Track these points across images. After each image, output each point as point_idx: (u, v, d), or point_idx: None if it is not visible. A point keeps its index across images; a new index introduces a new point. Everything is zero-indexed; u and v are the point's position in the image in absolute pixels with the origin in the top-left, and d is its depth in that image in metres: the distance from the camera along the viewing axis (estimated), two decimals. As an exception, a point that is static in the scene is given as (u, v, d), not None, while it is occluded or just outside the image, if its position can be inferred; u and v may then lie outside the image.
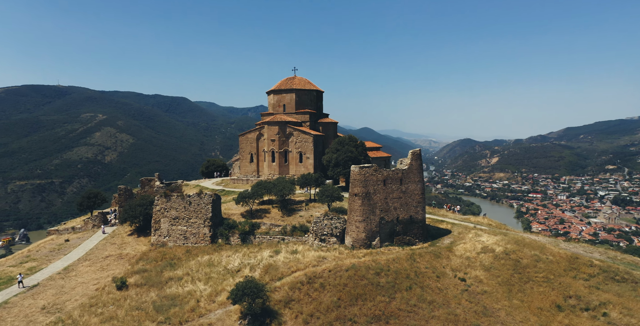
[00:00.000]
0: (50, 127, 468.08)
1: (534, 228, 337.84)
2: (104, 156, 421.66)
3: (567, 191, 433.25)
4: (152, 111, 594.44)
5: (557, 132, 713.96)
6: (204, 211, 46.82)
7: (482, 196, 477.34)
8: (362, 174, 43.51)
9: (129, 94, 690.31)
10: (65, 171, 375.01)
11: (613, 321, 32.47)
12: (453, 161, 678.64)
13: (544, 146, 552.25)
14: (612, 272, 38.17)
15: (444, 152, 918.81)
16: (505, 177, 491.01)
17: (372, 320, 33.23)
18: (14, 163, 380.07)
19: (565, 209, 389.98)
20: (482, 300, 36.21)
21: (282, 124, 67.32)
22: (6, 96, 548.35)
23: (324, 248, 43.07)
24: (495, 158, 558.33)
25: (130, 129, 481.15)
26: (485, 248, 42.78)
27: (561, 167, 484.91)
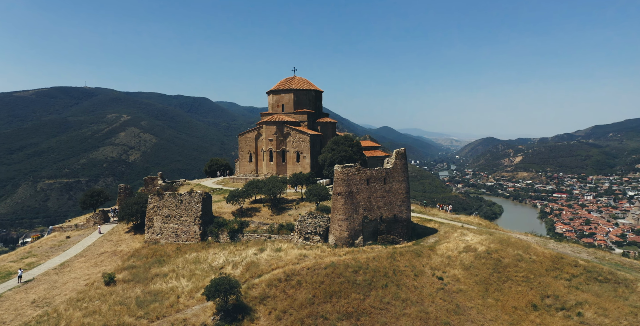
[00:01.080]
0: (78, 127, 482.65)
1: (558, 228, 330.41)
2: (128, 156, 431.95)
3: (594, 191, 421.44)
4: (175, 111, 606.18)
5: (585, 131, 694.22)
6: (194, 209, 48.22)
7: (505, 196, 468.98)
8: (344, 174, 44.05)
9: (152, 95, 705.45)
10: (92, 170, 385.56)
11: (586, 321, 32.38)
12: (475, 160, 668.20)
13: (570, 145, 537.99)
14: (596, 272, 37.92)
15: (465, 151, 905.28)
16: (528, 176, 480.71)
17: (343, 317, 33.86)
18: (43, 162, 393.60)
19: (592, 209, 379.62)
20: (456, 298, 36.41)
21: (280, 124, 68.35)
22: (37, 98, 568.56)
23: (307, 246, 43.84)
24: (518, 157, 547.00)
25: (154, 129, 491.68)
26: (467, 247, 42.79)
27: (588, 166, 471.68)
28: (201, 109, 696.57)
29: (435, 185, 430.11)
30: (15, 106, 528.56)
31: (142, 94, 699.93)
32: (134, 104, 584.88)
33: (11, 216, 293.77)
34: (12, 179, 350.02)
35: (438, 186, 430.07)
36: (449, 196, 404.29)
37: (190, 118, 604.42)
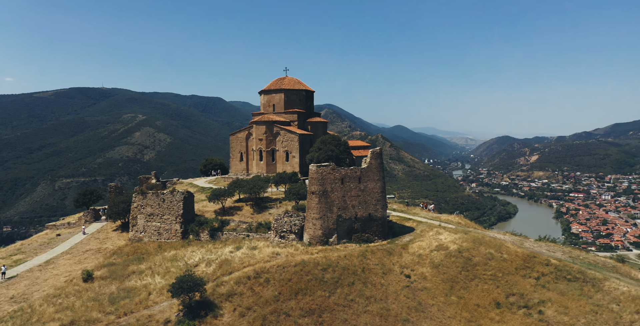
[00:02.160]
0: (95, 127, 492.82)
1: (574, 229, 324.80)
2: (143, 155, 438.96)
3: (612, 191, 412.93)
4: (189, 111, 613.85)
5: (604, 129, 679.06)
6: (175, 208, 49.34)
7: (520, 196, 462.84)
8: (319, 173, 44.59)
9: (167, 95, 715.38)
10: (108, 169, 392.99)
11: (545, 319, 32.73)
12: (490, 159, 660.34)
13: (588, 143, 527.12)
14: (566, 271, 37.93)
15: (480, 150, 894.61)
16: (544, 176, 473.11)
17: (305, 314, 34.54)
18: (61, 162, 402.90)
19: (610, 209, 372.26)
20: (419, 295, 36.86)
21: (269, 123, 69.16)
22: (56, 99, 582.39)
23: (282, 244, 44.56)
24: (534, 156, 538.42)
25: (168, 128, 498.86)
26: (440, 245, 43.02)
27: (607, 165, 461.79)
28: (215, 109, 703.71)
29: (447, 184, 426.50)
30: (35, 107, 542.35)
31: (158, 94, 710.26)
32: (149, 104, 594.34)
33: (30, 214, 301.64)
34: (31, 178, 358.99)
35: (450, 186, 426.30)
36: (461, 196, 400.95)
37: (204, 118, 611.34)
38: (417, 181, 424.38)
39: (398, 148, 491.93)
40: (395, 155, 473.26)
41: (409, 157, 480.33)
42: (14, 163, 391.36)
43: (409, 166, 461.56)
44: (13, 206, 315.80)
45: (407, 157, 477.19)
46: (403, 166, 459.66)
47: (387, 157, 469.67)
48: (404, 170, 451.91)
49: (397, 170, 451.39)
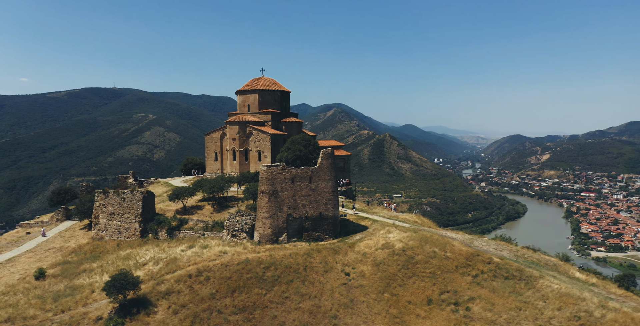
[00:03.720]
0: (106, 127, 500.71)
1: (583, 229, 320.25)
2: (153, 154, 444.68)
3: (625, 190, 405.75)
4: (199, 111, 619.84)
5: (618, 127, 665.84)
6: (135, 207, 50.42)
7: (530, 195, 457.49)
8: (269, 173, 45.17)
9: (177, 95, 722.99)
10: (118, 168, 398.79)
11: (470, 315, 33.33)
12: (500, 158, 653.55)
13: (601, 142, 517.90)
14: (505, 269, 38.23)
15: (491, 149, 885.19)
16: (555, 175, 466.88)
17: (238, 311, 35.30)
18: (73, 161, 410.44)
19: (621, 209, 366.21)
20: (353, 292, 37.47)
21: (242, 123, 69.93)
22: (68, 99, 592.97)
23: (232, 243, 45.23)
24: (546, 155, 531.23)
25: (178, 128, 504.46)
26: (386, 244, 43.47)
27: (620, 164, 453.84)
28: (225, 108, 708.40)
29: (455, 184, 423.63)
30: (48, 107, 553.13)
31: (168, 94, 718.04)
32: (159, 103, 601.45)
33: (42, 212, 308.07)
34: (43, 177, 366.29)
35: (459, 185, 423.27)
36: (469, 195, 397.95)
37: (213, 117, 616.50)
38: (425, 181, 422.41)
39: (406, 147, 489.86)
40: (402, 154, 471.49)
41: (416, 156, 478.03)
42: (27, 162, 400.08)
43: (417, 165, 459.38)
44: (26, 204, 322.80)
45: (415, 157, 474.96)
46: (411, 165, 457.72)
47: (394, 156, 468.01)
48: (412, 169, 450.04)
49: (405, 169, 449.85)
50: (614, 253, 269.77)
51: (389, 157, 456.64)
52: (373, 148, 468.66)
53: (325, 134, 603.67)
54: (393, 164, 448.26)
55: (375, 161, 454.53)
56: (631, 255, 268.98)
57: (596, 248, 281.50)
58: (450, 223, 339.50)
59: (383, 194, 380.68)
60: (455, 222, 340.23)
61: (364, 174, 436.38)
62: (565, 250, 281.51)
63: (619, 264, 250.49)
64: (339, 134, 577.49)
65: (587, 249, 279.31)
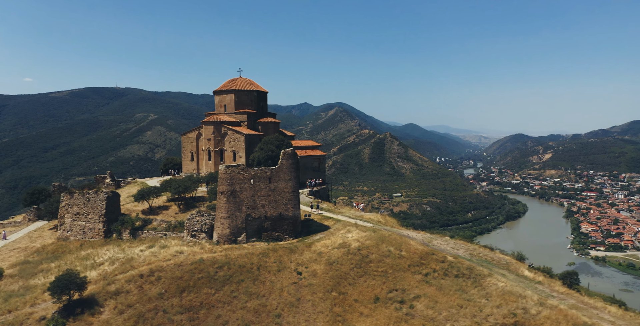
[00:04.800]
0: (108, 126, 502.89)
1: (583, 228, 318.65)
2: (154, 154, 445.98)
3: (626, 190, 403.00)
4: (200, 110, 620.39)
5: (621, 126, 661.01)
6: (99, 207, 50.68)
7: (531, 195, 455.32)
8: (227, 173, 45.25)
9: (179, 95, 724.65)
10: (119, 167, 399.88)
11: (412, 313, 33.80)
12: (502, 157, 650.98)
13: (603, 141, 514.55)
14: (456, 268, 38.55)
15: (493, 148, 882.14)
16: (557, 174, 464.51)
17: (183, 311, 35.47)
18: (74, 160, 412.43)
19: (622, 208, 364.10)
20: (301, 292, 37.71)
21: (217, 123, 70.07)
22: (70, 98, 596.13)
23: (191, 243, 45.35)
24: (548, 154, 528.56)
25: (179, 127, 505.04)
26: (343, 243, 43.59)
27: (621, 164, 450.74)
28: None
29: (456, 183, 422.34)
30: (50, 107, 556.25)
31: (170, 93, 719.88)
32: (161, 103, 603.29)
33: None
34: (45, 177, 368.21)
35: (459, 184, 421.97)
36: (469, 194, 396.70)
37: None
38: (425, 180, 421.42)
39: (406, 147, 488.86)
40: (403, 154, 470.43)
41: (417, 155, 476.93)
42: (28, 162, 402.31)
43: (417, 164, 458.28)
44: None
45: (416, 156, 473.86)
46: (411, 164, 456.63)
47: (395, 156, 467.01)
48: (412, 169, 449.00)
49: (405, 169, 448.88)
50: (613, 253, 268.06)
51: (390, 157, 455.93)
52: (374, 148, 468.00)
53: (327, 133, 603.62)
54: (393, 163, 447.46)
55: (375, 160, 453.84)
56: (631, 255, 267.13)
57: (596, 247, 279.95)
58: (449, 222, 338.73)
59: (383, 193, 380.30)
60: (455, 221, 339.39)
61: (365, 173, 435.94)
62: (565, 249, 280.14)
63: (618, 264, 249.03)
64: (339, 134, 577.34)
65: (587, 248, 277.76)
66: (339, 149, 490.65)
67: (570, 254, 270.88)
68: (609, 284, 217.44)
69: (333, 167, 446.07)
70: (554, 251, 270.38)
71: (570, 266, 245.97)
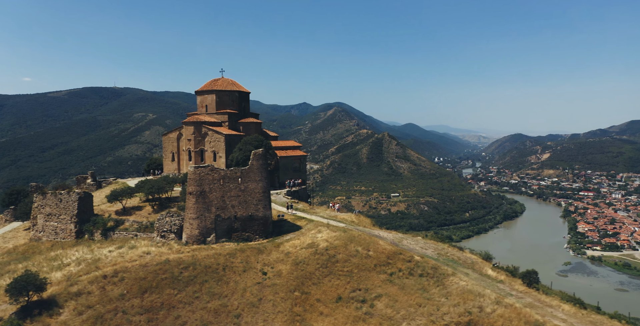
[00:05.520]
0: (106, 126, 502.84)
1: (580, 228, 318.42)
2: (152, 154, 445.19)
3: (624, 189, 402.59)
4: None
5: (619, 126, 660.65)
6: (71, 208, 50.55)
7: (528, 194, 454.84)
8: (196, 174, 45.11)
9: (178, 94, 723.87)
10: (117, 167, 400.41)
11: (371, 312, 33.84)
12: (501, 157, 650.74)
13: (602, 141, 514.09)
14: (421, 267, 38.52)
15: (492, 148, 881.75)
16: (554, 174, 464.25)
17: (143, 312, 35.37)
18: (72, 160, 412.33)
19: (619, 208, 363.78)
20: (264, 292, 37.76)
21: (198, 124, 69.92)
22: (69, 98, 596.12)
23: (160, 243, 45.20)
24: (546, 154, 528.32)
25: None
26: (312, 243, 43.61)
27: (619, 163, 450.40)
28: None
29: (453, 183, 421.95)
30: (48, 106, 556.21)
31: (169, 93, 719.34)
32: (160, 103, 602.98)
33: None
34: (42, 176, 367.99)
35: (457, 184, 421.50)
36: (467, 194, 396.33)
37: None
38: (423, 180, 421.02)
39: (404, 146, 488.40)
40: (401, 153, 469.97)
41: (415, 155, 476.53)
42: (26, 162, 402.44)
43: (415, 164, 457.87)
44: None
45: (414, 156, 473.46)
46: (409, 164, 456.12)
47: (392, 155, 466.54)
48: (410, 168, 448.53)
49: (403, 169, 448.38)
50: (609, 252, 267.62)
51: (388, 157, 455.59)
52: (372, 147, 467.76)
53: (325, 133, 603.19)
54: (391, 163, 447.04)
55: (373, 160, 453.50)
56: (627, 254, 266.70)
57: (592, 247, 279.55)
58: (447, 222, 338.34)
59: (381, 193, 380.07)
60: (452, 221, 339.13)
61: (362, 173, 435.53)
62: (561, 249, 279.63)
63: (613, 264, 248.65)
64: (338, 134, 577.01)
65: (583, 248, 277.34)
66: (337, 149, 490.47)
67: (567, 253, 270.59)
68: (605, 283, 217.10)
69: (331, 167, 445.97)
70: (551, 251, 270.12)
71: (566, 265, 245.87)
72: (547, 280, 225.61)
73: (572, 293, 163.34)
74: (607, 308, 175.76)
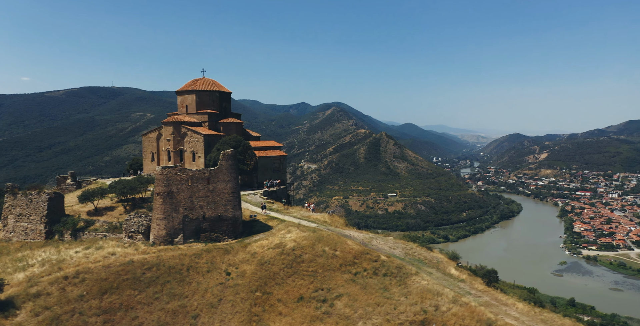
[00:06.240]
0: (104, 126, 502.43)
1: (576, 227, 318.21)
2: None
3: (620, 189, 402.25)
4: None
5: (617, 126, 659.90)
6: (41, 208, 50.29)
7: (526, 194, 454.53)
8: (164, 174, 44.84)
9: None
10: (114, 167, 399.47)
11: (330, 311, 33.56)
12: (499, 157, 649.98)
13: (599, 141, 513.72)
14: (386, 267, 38.28)
15: (490, 148, 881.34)
16: (552, 174, 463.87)
17: (100, 313, 35.13)
18: (69, 160, 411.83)
19: (615, 208, 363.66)
20: (225, 292, 37.66)
21: (177, 124, 69.63)
22: (67, 98, 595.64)
23: (127, 244, 44.94)
24: (544, 154, 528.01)
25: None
26: (279, 243, 43.45)
27: (616, 163, 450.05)
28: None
29: (450, 183, 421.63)
30: (46, 106, 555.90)
31: (167, 93, 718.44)
32: (158, 102, 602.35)
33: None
34: (39, 176, 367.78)
35: (454, 184, 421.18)
36: (464, 194, 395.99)
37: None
38: (420, 180, 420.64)
39: (402, 146, 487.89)
40: (398, 153, 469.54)
41: (412, 155, 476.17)
42: (23, 162, 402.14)
43: (413, 164, 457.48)
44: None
45: (411, 156, 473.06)
46: (406, 164, 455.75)
47: (390, 155, 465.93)
48: (407, 168, 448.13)
49: (400, 168, 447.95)
50: (605, 252, 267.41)
51: (385, 157, 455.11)
52: (369, 147, 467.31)
53: (323, 133, 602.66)
54: (389, 163, 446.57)
55: (371, 160, 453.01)
56: (622, 254, 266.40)
57: (588, 246, 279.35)
58: (444, 221, 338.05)
59: (378, 193, 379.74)
60: (449, 221, 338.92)
61: (360, 173, 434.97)
62: (557, 249, 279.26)
63: (609, 263, 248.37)
64: (336, 133, 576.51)
65: (579, 248, 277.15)
66: (335, 149, 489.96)
67: (562, 253, 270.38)
68: (599, 283, 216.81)
69: (328, 166, 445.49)
70: (546, 251, 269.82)
71: (562, 265, 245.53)
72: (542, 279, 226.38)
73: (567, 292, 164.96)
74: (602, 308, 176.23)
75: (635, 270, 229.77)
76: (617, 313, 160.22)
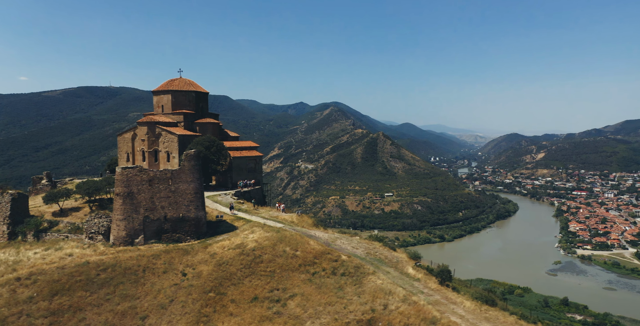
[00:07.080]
0: (101, 126, 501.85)
1: (572, 227, 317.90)
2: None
3: (616, 189, 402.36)
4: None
5: (614, 126, 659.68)
6: (4, 209, 49.77)
7: (522, 194, 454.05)
8: (124, 175, 44.36)
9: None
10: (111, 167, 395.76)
11: (281, 311, 33.25)
12: (496, 157, 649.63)
13: (596, 141, 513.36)
14: (345, 267, 37.93)
15: (488, 147, 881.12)
16: (549, 174, 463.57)
17: (48, 314, 34.75)
18: (66, 160, 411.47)
19: (611, 208, 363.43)
20: (178, 293, 37.24)
21: (151, 124, 69.10)
22: (64, 97, 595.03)
23: (87, 245, 44.45)
24: (541, 154, 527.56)
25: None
26: (240, 244, 43.04)
27: (613, 163, 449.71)
28: (221, 107, 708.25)
29: (447, 183, 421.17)
30: (43, 106, 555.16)
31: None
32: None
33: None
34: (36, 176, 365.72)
35: (450, 184, 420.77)
36: (460, 194, 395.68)
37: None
38: (417, 179, 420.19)
39: (399, 146, 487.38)
40: (396, 153, 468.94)
41: (409, 155, 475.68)
42: (19, 161, 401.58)
43: (410, 164, 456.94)
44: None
45: (408, 156, 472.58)
46: (403, 164, 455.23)
47: (387, 155, 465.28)
48: (404, 168, 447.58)
49: (397, 168, 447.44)
50: (599, 251, 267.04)
51: (382, 156, 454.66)
52: (366, 147, 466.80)
53: (321, 133, 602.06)
54: (386, 163, 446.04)
55: (368, 160, 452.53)
56: (616, 253, 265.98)
57: (583, 246, 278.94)
58: (440, 221, 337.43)
59: (375, 193, 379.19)
60: (445, 221, 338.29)
61: (357, 173, 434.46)
62: (552, 248, 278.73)
63: (603, 263, 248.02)
64: (334, 133, 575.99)
65: (574, 247, 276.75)
66: (332, 149, 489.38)
67: (557, 253, 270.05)
68: (593, 282, 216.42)
69: (325, 166, 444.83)
70: (541, 250, 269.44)
71: (556, 264, 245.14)
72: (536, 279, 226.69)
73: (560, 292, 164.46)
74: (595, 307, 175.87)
75: (629, 269, 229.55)
76: (609, 312, 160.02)
